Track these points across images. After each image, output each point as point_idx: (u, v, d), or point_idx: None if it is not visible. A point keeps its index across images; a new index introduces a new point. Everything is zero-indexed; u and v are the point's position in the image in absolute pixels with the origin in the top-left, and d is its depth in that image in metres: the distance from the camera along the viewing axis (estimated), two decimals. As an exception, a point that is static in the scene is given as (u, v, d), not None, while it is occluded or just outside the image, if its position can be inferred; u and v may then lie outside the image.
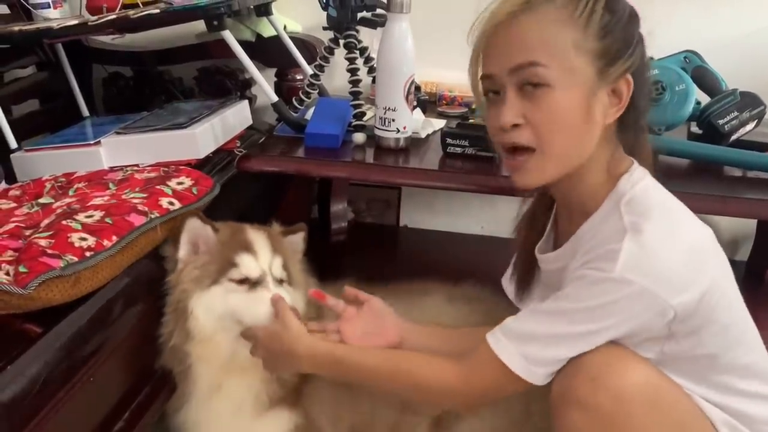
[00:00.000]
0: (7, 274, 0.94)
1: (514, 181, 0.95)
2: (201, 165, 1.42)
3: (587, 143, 0.90)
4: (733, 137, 1.49)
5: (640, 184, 0.92)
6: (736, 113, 1.48)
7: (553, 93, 0.86)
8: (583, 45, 0.86)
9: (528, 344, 0.90)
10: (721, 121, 1.48)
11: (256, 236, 1.21)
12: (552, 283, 1.00)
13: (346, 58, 1.57)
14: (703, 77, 1.59)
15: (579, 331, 0.87)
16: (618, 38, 0.88)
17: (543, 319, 0.90)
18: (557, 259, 1.00)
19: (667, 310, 0.83)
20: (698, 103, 1.56)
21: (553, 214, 1.08)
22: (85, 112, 1.87)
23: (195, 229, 1.17)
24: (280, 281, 1.18)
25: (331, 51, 1.59)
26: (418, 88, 1.65)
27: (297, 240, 1.29)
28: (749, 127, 1.49)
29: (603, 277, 0.84)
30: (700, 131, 1.56)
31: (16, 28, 1.56)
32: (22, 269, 0.92)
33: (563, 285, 0.92)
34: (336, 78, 1.89)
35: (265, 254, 1.18)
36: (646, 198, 0.90)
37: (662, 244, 0.84)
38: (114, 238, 1.06)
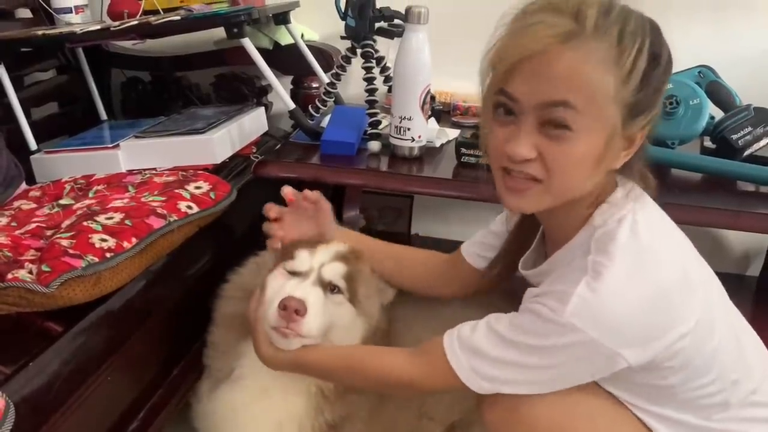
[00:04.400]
0: (30, 272, 0.96)
1: (506, 202, 0.91)
2: (217, 170, 1.44)
3: (590, 183, 0.87)
4: (747, 152, 1.49)
5: (616, 216, 0.87)
6: (749, 128, 1.48)
7: (575, 138, 0.81)
8: (618, 95, 0.79)
9: (478, 359, 0.91)
10: (734, 136, 1.48)
11: (331, 244, 1.19)
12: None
13: (363, 67, 1.58)
14: (718, 92, 1.60)
15: (527, 363, 0.87)
16: (651, 90, 0.82)
17: (496, 341, 0.90)
18: (535, 276, 1.01)
19: (617, 358, 0.83)
20: (712, 117, 1.56)
21: (540, 230, 1.07)
22: (104, 115, 1.90)
23: None
24: (330, 286, 1.12)
25: (348, 60, 1.61)
26: (432, 98, 1.66)
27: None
28: (763, 142, 1.49)
29: (552, 317, 0.84)
30: (714, 146, 1.57)
31: (40, 32, 1.59)
32: (45, 268, 0.94)
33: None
34: (351, 86, 1.91)
35: (323, 255, 1.14)
36: (617, 235, 0.85)
37: (618, 295, 0.82)
38: (133, 239, 1.07)
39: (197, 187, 1.29)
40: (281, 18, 1.77)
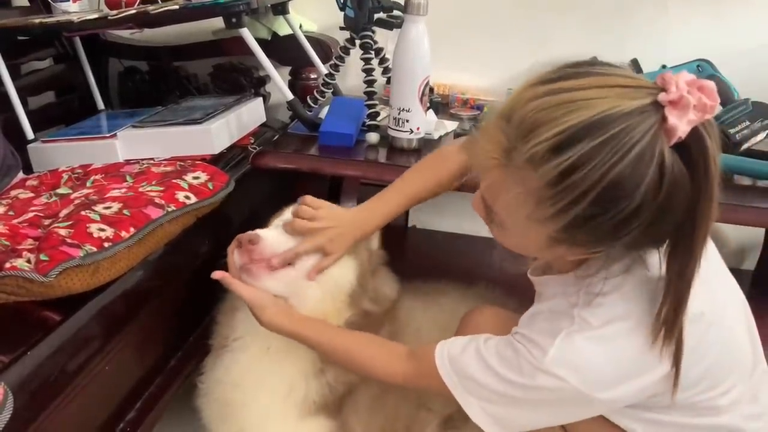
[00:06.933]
0: (28, 261, 0.95)
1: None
2: (215, 161, 1.44)
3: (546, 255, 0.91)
4: (744, 146, 1.49)
5: (604, 272, 0.87)
6: (747, 123, 1.48)
7: (502, 231, 0.87)
8: (543, 228, 0.80)
9: (468, 381, 0.94)
10: (732, 131, 1.48)
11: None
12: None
13: (362, 59, 1.58)
14: (716, 86, 1.59)
15: (512, 394, 0.90)
16: (595, 234, 0.78)
17: (483, 367, 0.93)
18: (537, 284, 1.03)
19: (594, 402, 0.86)
20: (710, 111, 1.56)
21: None
22: (101, 105, 1.89)
23: None
24: None
25: (346, 51, 1.61)
26: (431, 90, 1.66)
27: None
28: (760, 136, 1.50)
29: (533, 362, 0.87)
30: (711, 140, 1.57)
31: (37, 21, 1.58)
32: (43, 257, 0.94)
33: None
34: (350, 78, 1.90)
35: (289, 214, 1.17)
36: (611, 292, 0.87)
37: (593, 352, 0.85)
38: (131, 229, 1.07)
39: (195, 178, 1.29)
40: (280, 8, 1.76)
